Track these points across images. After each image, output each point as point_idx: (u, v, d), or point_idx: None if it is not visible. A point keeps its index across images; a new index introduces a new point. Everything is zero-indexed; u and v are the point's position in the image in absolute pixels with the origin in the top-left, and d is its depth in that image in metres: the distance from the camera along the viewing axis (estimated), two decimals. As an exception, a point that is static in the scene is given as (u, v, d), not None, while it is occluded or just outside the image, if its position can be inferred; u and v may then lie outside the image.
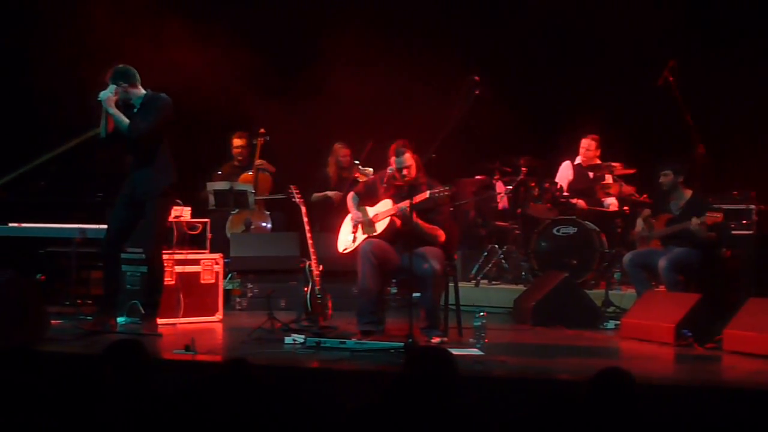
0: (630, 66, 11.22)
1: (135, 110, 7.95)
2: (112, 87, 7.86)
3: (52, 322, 7.92)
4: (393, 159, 8.05)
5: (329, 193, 11.21)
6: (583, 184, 10.88)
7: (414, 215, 7.76)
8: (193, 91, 10.56)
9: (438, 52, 11.58)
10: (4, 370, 3.60)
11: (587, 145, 10.97)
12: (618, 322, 8.81)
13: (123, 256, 8.39)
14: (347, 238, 8.32)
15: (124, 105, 7.93)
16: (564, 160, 11.19)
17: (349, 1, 12.01)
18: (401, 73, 11.29)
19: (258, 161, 11.20)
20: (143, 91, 8.00)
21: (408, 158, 8.00)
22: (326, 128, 11.56)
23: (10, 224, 9.31)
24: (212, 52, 11.41)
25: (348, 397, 5.61)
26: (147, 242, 8.05)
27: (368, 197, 8.34)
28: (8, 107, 11.44)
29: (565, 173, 11.11)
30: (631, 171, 10.46)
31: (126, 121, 7.82)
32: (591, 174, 10.80)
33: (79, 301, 9.46)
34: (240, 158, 11.47)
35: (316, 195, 11.22)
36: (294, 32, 11.89)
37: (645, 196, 10.18)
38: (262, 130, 11.22)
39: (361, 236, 8.16)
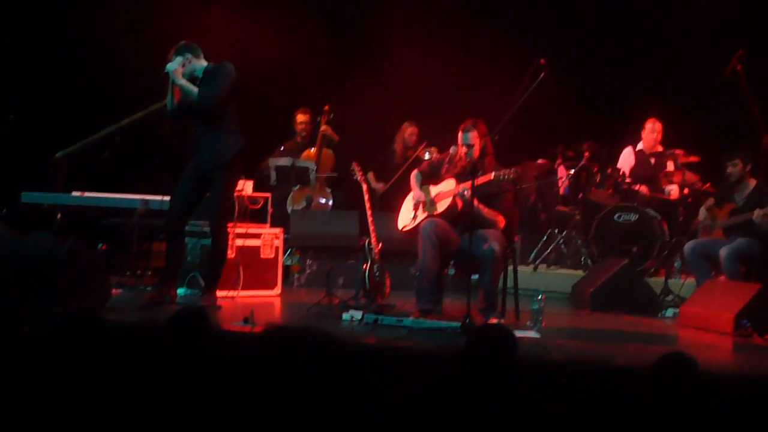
0: (698, 53, 11.07)
1: (199, 82, 8.01)
2: (178, 59, 7.93)
3: (113, 291, 8.01)
4: (460, 135, 8.04)
5: (373, 184, 11.20)
6: (645, 171, 10.78)
7: (475, 200, 7.74)
8: (258, 67, 10.60)
9: (504, 34, 11.52)
10: (69, 335, 3.64)
11: (651, 127, 10.83)
12: (677, 310, 8.75)
13: (186, 228, 8.45)
14: (408, 215, 8.32)
15: (189, 78, 7.99)
16: (626, 146, 11.10)
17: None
18: (467, 55, 11.24)
19: (323, 127, 11.19)
20: (205, 63, 8.05)
21: (473, 136, 7.98)
22: (390, 108, 11.54)
23: (73, 193, 9.39)
24: (278, 28, 11.44)
25: (405, 375, 5.62)
26: (213, 215, 8.11)
27: (432, 176, 8.33)
28: (75, 78, 11.55)
29: (627, 159, 11.00)
30: (695, 159, 10.36)
31: (195, 89, 7.88)
32: (653, 160, 10.70)
33: (139, 272, 9.56)
34: (303, 134, 11.48)
35: (379, 187, 11.26)
36: (361, 9, 11.85)
37: (708, 184, 10.07)
38: (326, 107, 11.23)
39: (421, 215, 8.16)
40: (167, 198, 8.33)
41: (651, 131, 10.86)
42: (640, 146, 10.99)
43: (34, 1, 11.51)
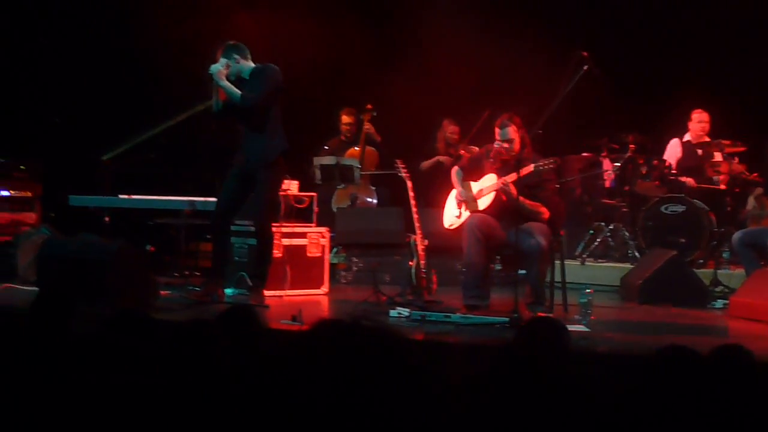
0: (745, 41, 10.96)
1: (245, 82, 8.06)
2: (222, 60, 7.98)
3: (161, 292, 8.06)
4: (497, 131, 8.02)
5: (440, 157, 11.20)
6: (691, 162, 10.70)
7: (516, 193, 7.72)
8: (301, 65, 10.62)
9: (546, 26, 11.48)
10: (120, 332, 3.67)
11: (698, 117, 10.74)
12: (726, 301, 8.68)
13: (232, 227, 8.49)
14: (452, 213, 8.32)
15: (236, 79, 8.04)
16: (672, 138, 11.01)
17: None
18: (508, 50, 11.19)
19: (366, 125, 11.20)
20: (252, 64, 8.10)
21: (512, 131, 7.96)
22: (433, 103, 11.52)
23: (120, 196, 9.46)
24: (321, 27, 11.47)
25: (454, 370, 5.61)
26: (257, 214, 8.15)
27: (473, 171, 8.31)
28: (121, 80, 11.64)
29: (673, 151, 10.92)
30: (742, 149, 10.27)
31: (237, 92, 7.93)
32: (700, 151, 10.62)
33: (187, 273, 9.61)
34: (349, 134, 11.52)
35: (425, 163, 11.25)
36: (402, 6, 11.84)
37: (756, 174, 9.99)
38: (369, 106, 11.23)
39: (465, 213, 8.15)
40: (213, 199, 8.37)
41: (698, 121, 10.76)
42: (686, 137, 10.90)
43: (78, 4, 11.60)
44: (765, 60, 9.93)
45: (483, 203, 8.07)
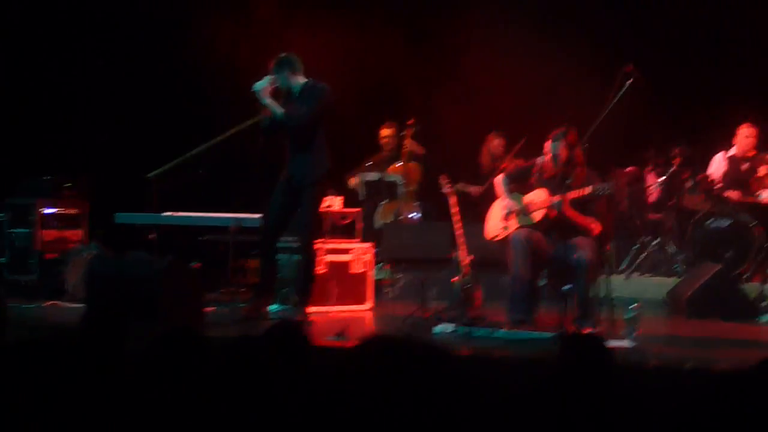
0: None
1: (295, 98, 8.10)
2: (267, 78, 8.03)
3: (209, 308, 8.11)
4: (548, 143, 7.98)
5: (469, 188, 11.17)
6: (736, 176, 10.63)
7: (568, 208, 7.69)
8: (345, 81, 10.66)
9: (591, 39, 11.45)
10: (171, 351, 3.70)
11: (747, 132, 10.66)
12: (773, 315, 8.62)
13: (278, 244, 8.52)
14: (497, 224, 8.29)
15: (285, 93, 8.09)
16: (718, 151, 10.94)
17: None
18: (553, 63, 11.18)
19: (407, 141, 11.21)
20: (304, 80, 8.13)
21: (562, 146, 7.92)
22: (478, 118, 11.52)
23: (167, 213, 9.52)
24: (363, 41, 11.52)
25: (500, 385, 5.61)
26: (302, 231, 8.19)
27: (519, 182, 8.27)
28: (167, 96, 11.74)
29: (718, 165, 10.84)
30: (788, 162, 10.18)
31: (280, 110, 7.98)
32: (745, 165, 10.56)
33: (234, 289, 9.66)
34: (389, 148, 11.50)
35: (457, 186, 11.25)
36: (447, 22, 11.86)
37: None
38: (410, 121, 11.25)
39: (514, 224, 8.12)
40: (259, 215, 8.42)
41: (745, 136, 10.67)
42: (732, 151, 10.82)
43: (124, 23, 11.72)
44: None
45: (535, 218, 8.05)
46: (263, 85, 7.98)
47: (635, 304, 7.45)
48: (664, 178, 10.77)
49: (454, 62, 11.83)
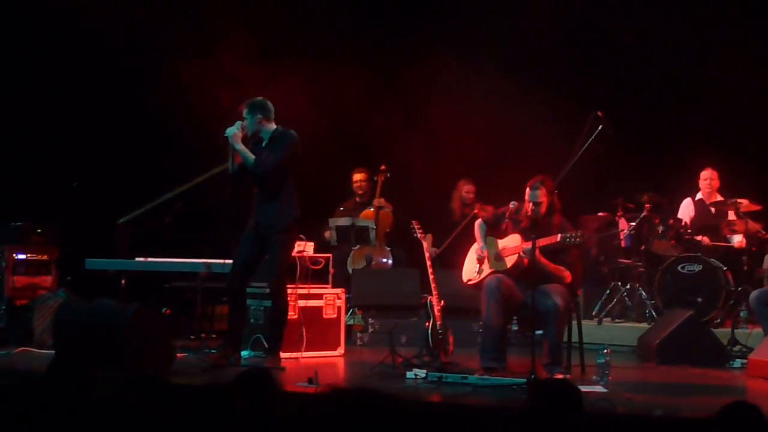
0: (756, 99, 10.98)
1: (264, 144, 8.10)
2: (238, 123, 8.01)
3: (178, 355, 8.06)
4: (528, 191, 8.01)
5: (431, 250, 11.11)
6: (706, 221, 10.72)
7: (540, 256, 7.71)
8: (315, 127, 10.69)
9: (559, 88, 11.56)
10: (138, 397, 3.67)
11: (708, 175, 10.79)
12: (745, 360, 8.61)
13: (248, 290, 8.49)
14: (472, 268, 8.31)
15: (254, 139, 8.08)
16: (685, 197, 11.03)
17: (472, 37, 12.02)
18: (522, 110, 11.27)
19: (376, 200, 11.23)
20: (274, 126, 8.13)
21: (542, 194, 7.94)
22: (447, 165, 11.57)
23: (137, 259, 9.49)
24: (333, 89, 11.56)
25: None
26: (271, 277, 8.16)
27: (495, 227, 8.31)
28: (135, 144, 11.72)
29: (686, 210, 10.93)
30: (758, 208, 10.25)
31: (252, 157, 7.96)
32: (713, 210, 10.64)
33: (203, 335, 9.61)
34: (360, 193, 11.49)
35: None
36: (416, 69, 11.92)
37: (773, 233, 9.99)
38: (383, 167, 11.26)
39: (487, 269, 8.14)
40: (229, 261, 8.39)
41: (705, 178, 10.82)
42: (699, 196, 10.92)
43: (93, 70, 11.71)
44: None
45: (507, 263, 8.07)
46: (234, 131, 7.96)
47: (606, 350, 7.46)
48: (634, 224, 10.82)
49: (424, 110, 11.88)
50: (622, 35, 11.68)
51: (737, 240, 10.39)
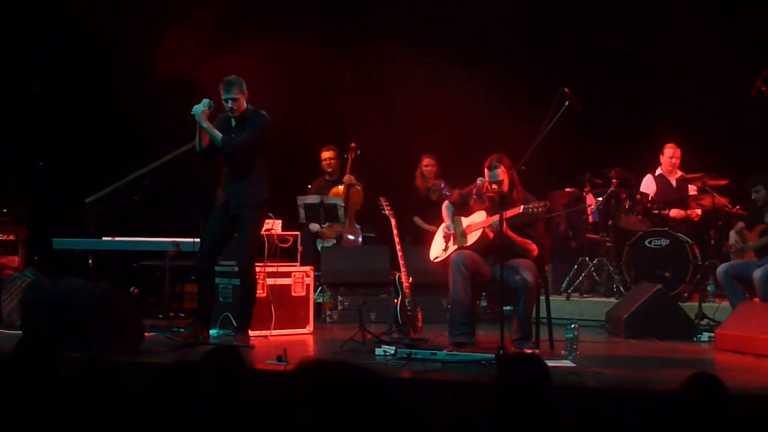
0: (723, 75, 11.02)
1: (233, 123, 8.06)
2: (204, 101, 7.96)
3: (146, 334, 8.04)
4: (486, 172, 8.01)
5: (425, 226, 11.09)
6: (670, 195, 10.80)
7: (507, 229, 7.73)
8: (285, 106, 10.65)
9: (526, 65, 11.59)
10: (87, 378, 3.66)
11: (672, 152, 10.88)
12: (712, 334, 8.68)
13: (216, 268, 8.47)
14: (439, 247, 8.32)
15: (223, 118, 8.03)
16: (647, 174, 11.09)
17: (441, 15, 12.01)
18: (489, 87, 11.28)
19: (347, 177, 11.20)
20: (245, 105, 8.07)
21: (501, 172, 7.94)
22: (415, 141, 11.56)
23: (104, 238, 9.45)
24: (306, 68, 11.54)
25: (440, 407, 5.60)
26: (240, 255, 8.14)
27: (462, 207, 8.33)
28: (103, 122, 11.66)
29: (648, 186, 10.99)
30: (724, 182, 10.31)
31: (219, 135, 7.92)
32: (674, 184, 10.75)
33: (172, 314, 9.59)
34: (329, 170, 11.44)
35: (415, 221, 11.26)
36: (385, 46, 11.88)
37: (738, 207, 10.05)
38: (352, 144, 11.22)
39: (452, 247, 8.15)
40: (197, 240, 8.36)
41: (669, 156, 10.90)
42: (659, 171, 11.00)
43: (59, 47, 11.63)
44: (747, 95, 9.96)
45: (471, 239, 8.08)
46: (202, 109, 7.90)
47: (574, 325, 7.50)
48: (601, 199, 10.86)
49: (395, 86, 11.83)
50: (584, 12, 11.70)
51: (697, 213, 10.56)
